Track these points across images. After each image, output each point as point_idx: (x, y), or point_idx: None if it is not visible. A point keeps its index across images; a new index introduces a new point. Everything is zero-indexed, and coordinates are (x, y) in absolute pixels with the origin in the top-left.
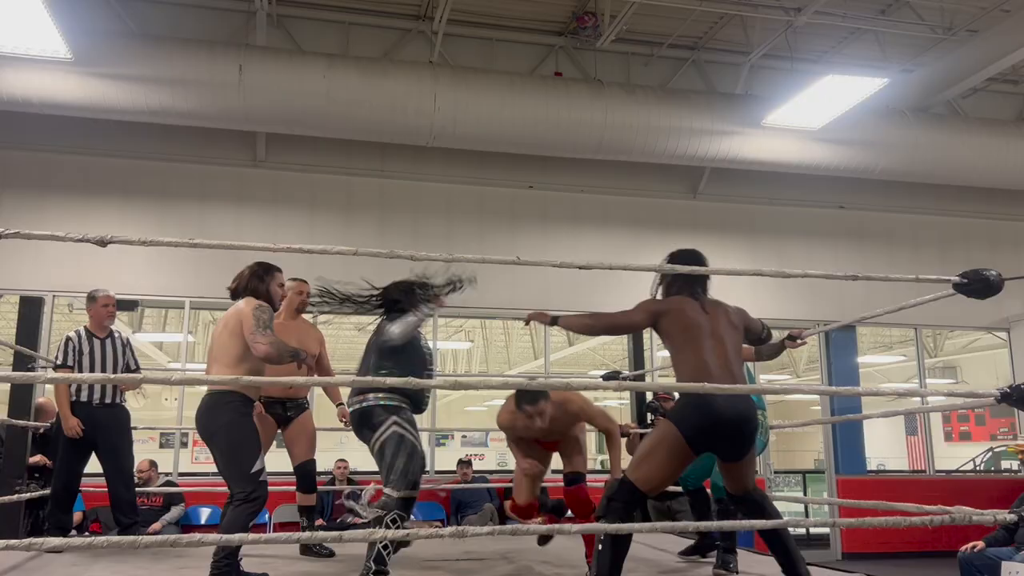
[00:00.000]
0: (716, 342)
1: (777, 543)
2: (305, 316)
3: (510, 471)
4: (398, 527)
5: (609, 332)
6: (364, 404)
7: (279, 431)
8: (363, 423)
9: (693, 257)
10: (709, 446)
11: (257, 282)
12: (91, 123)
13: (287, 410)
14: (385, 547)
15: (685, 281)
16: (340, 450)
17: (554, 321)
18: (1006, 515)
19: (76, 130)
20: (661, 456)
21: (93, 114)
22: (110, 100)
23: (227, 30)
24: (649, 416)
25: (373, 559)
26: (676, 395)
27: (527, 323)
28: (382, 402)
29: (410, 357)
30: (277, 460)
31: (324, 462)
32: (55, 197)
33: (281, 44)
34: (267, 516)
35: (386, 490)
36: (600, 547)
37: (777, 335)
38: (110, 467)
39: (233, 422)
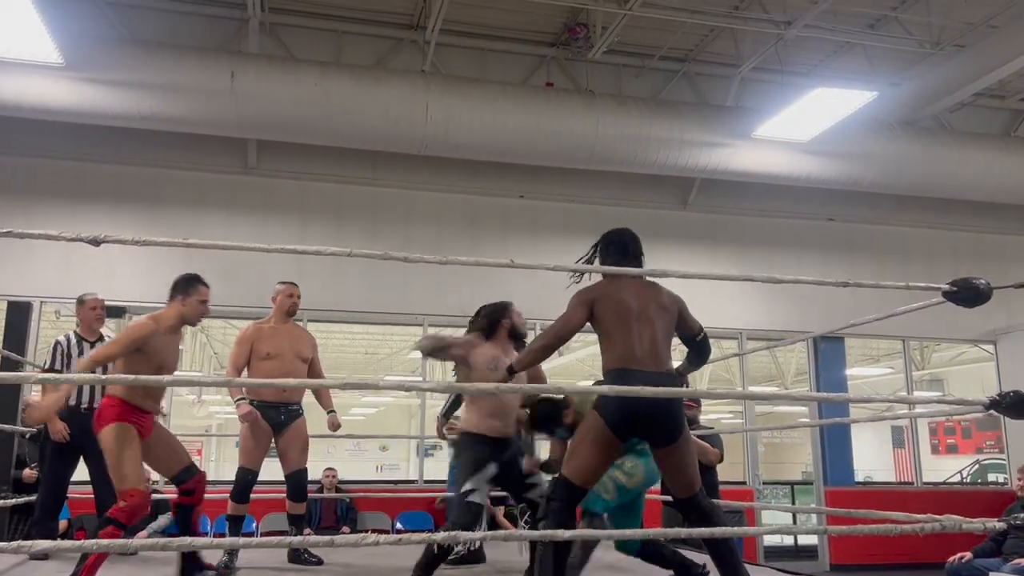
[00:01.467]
0: (644, 324)
1: (724, 554)
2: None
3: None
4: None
5: (560, 342)
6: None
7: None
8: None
9: (622, 237)
10: (633, 431)
11: None
12: (82, 129)
13: (281, 415)
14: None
15: (620, 255)
16: (328, 459)
17: (511, 371)
18: (995, 523)
19: (67, 135)
20: (588, 447)
21: (84, 119)
22: (101, 106)
23: (219, 37)
24: None
25: None
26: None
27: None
28: None
29: None
30: (269, 468)
31: (312, 470)
32: (45, 203)
33: (273, 51)
34: (254, 525)
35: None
36: (541, 551)
37: (755, 344)
38: (97, 473)
39: None
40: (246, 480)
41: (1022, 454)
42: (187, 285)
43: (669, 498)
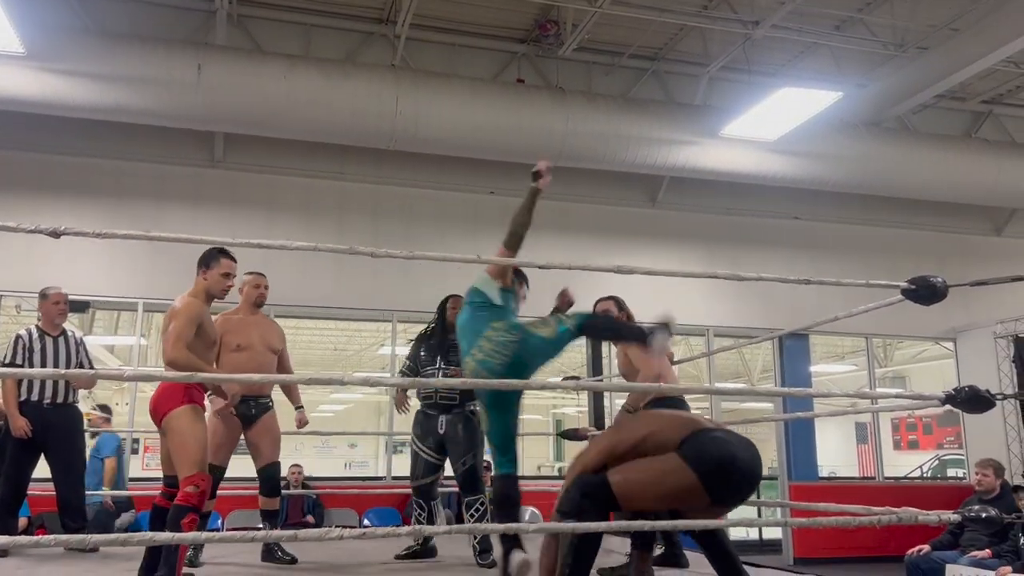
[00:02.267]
0: None
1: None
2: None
3: None
4: None
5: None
6: None
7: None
8: None
9: None
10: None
11: None
12: (44, 120)
13: (251, 408)
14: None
15: None
16: (296, 455)
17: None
18: (950, 515)
19: (28, 126)
20: (661, 485)
21: (46, 110)
22: (64, 97)
23: (186, 29)
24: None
25: None
26: None
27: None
28: None
29: None
30: (233, 465)
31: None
32: (5, 195)
33: (241, 44)
34: (219, 521)
35: None
36: (565, 550)
37: (723, 342)
38: (59, 470)
39: None
40: (213, 477)
41: (980, 449)
42: (209, 258)
43: None
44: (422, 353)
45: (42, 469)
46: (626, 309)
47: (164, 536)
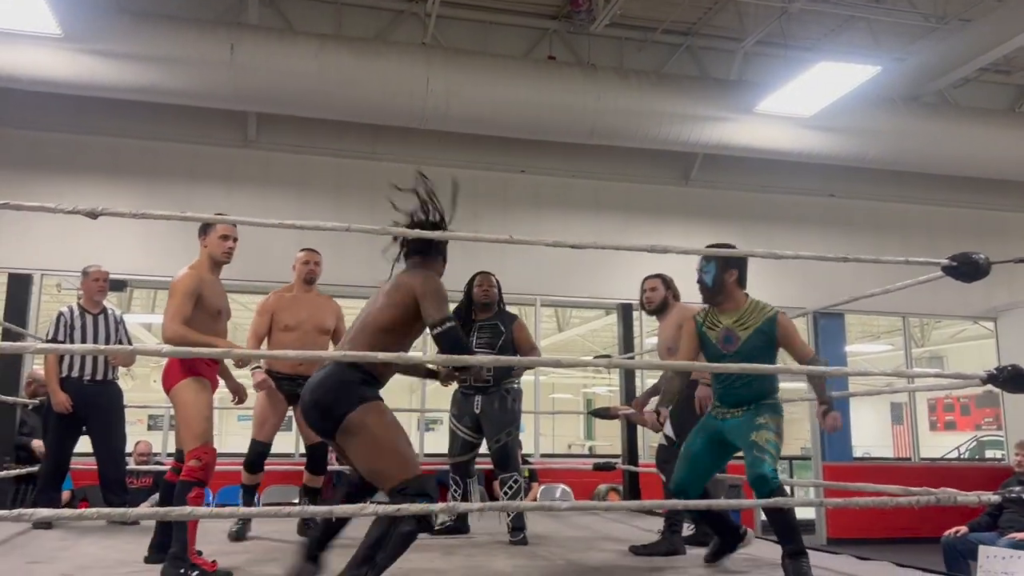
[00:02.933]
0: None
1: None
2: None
3: None
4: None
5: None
6: None
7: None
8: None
9: None
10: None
11: None
12: (80, 101)
13: (298, 387)
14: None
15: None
16: None
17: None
18: (990, 496)
19: (65, 108)
20: None
21: (82, 91)
22: (99, 77)
23: (219, 9)
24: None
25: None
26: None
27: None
28: None
29: None
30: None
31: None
32: (43, 175)
33: (273, 23)
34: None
35: None
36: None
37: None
38: (100, 445)
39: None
40: (258, 451)
41: (1020, 430)
42: (205, 227)
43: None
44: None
45: (84, 444)
46: (673, 288)
47: (203, 511)
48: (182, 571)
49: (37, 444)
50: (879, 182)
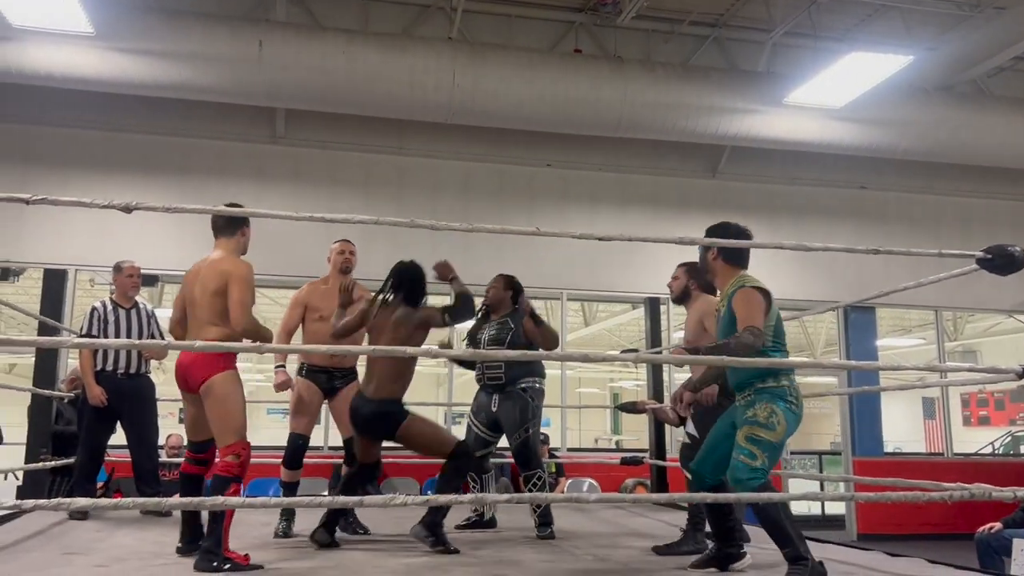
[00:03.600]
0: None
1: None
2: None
3: None
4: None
5: None
6: None
7: (325, 402)
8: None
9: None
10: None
11: None
12: (112, 98)
13: (334, 380)
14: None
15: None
16: None
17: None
18: None
19: (97, 105)
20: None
21: (114, 89)
22: (131, 75)
23: (247, 5)
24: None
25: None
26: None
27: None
28: None
29: None
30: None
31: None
32: (77, 172)
33: (301, 20)
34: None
35: None
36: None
37: (784, 314)
38: (133, 437)
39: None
40: (297, 445)
41: None
42: (240, 220)
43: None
44: (480, 329)
45: (118, 436)
46: (699, 277)
47: (236, 500)
48: (215, 564)
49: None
50: (911, 173)
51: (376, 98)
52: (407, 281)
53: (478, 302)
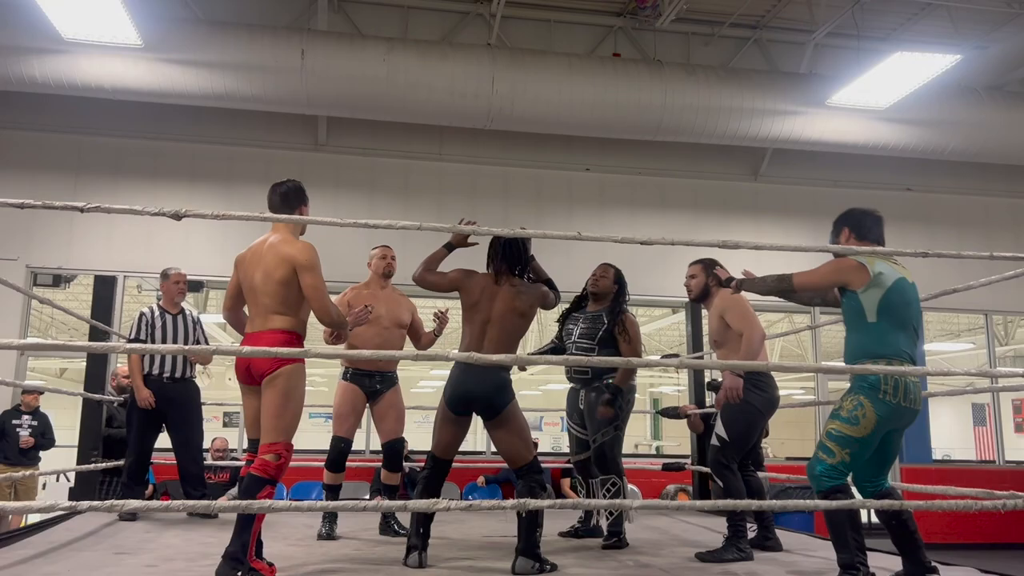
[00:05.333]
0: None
1: None
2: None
3: (564, 454)
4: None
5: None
6: None
7: (368, 405)
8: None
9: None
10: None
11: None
12: (160, 108)
13: (377, 383)
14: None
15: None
16: (423, 427)
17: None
18: None
19: (145, 115)
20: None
21: (162, 99)
22: (178, 85)
23: (289, 15)
24: (709, 396)
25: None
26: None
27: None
28: None
29: None
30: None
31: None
32: (126, 180)
33: (342, 28)
34: (284, 492)
35: None
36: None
37: (829, 318)
38: (179, 441)
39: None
40: (339, 449)
41: None
42: (302, 193)
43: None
44: (567, 326)
45: (165, 439)
46: (716, 274)
47: (281, 504)
48: (239, 573)
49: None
50: (959, 174)
51: (416, 105)
52: (517, 253)
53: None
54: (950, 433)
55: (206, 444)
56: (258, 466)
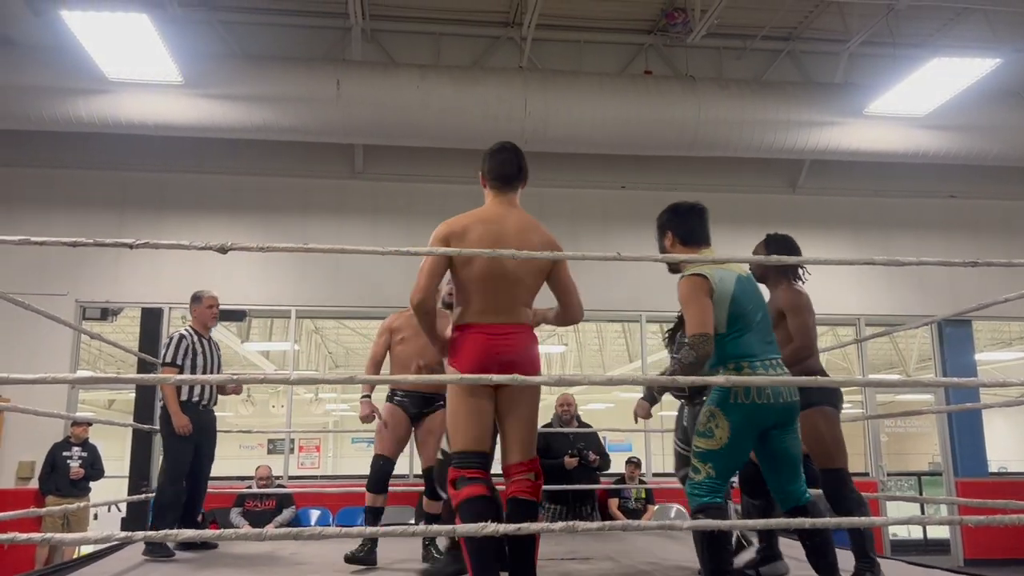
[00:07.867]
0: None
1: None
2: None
3: (610, 474)
4: None
5: None
6: None
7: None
8: None
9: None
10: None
11: None
12: (200, 142)
13: (421, 405)
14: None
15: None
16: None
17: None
18: None
19: (186, 150)
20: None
21: (202, 133)
22: (218, 119)
23: (324, 46)
24: None
25: None
26: None
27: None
28: None
29: None
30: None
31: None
32: (170, 214)
33: (376, 57)
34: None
35: None
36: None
37: (874, 330)
38: (200, 468)
39: None
40: (382, 469)
41: None
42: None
43: None
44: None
45: (218, 468)
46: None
47: (331, 530)
48: None
49: None
50: (1004, 180)
51: (451, 130)
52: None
53: None
54: (1006, 445)
55: (250, 471)
56: (530, 489)
